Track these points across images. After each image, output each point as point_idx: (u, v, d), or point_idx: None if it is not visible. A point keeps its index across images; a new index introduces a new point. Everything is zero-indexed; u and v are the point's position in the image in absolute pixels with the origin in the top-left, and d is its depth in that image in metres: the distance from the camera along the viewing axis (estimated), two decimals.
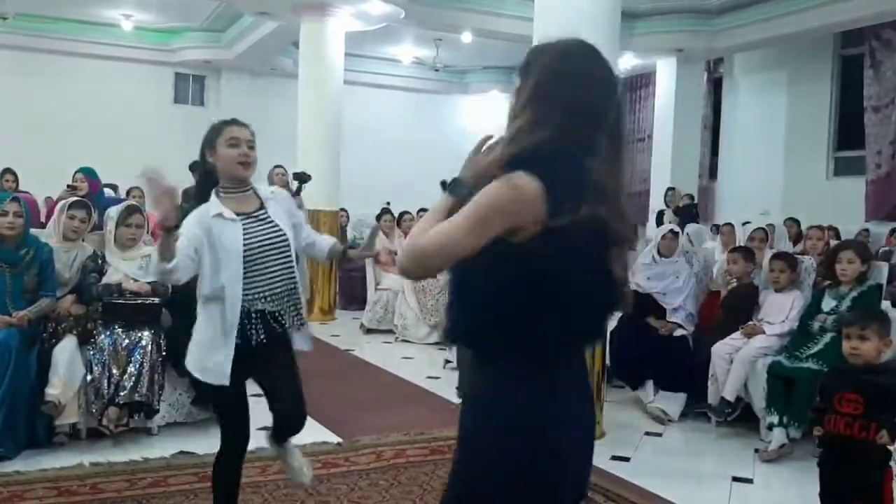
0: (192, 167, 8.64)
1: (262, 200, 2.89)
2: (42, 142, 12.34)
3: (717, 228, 9.40)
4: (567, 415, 1.63)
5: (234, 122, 2.88)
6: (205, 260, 2.73)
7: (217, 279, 2.72)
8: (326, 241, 3.13)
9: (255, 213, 2.84)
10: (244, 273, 2.73)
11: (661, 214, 11.03)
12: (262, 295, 2.77)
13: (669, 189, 11.41)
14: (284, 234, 2.85)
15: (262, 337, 2.76)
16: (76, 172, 5.97)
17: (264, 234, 2.82)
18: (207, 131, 2.89)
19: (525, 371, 1.60)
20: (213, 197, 2.84)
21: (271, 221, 2.85)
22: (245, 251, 2.74)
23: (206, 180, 2.89)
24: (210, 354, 2.75)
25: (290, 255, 2.87)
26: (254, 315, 2.75)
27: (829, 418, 2.97)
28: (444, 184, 1.65)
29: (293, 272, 2.87)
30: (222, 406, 2.92)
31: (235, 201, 2.84)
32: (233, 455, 2.91)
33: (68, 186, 6.15)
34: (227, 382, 2.73)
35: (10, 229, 4.11)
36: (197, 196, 2.93)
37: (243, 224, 2.78)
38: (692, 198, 11.28)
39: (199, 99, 14.42)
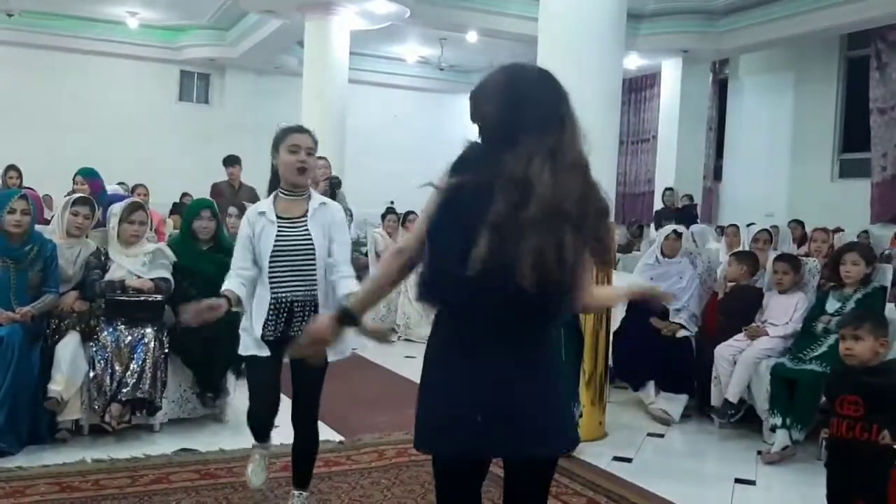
0: (226, 161, 8.71)
1: (308, 207, 3.10)
2: (46, 138, 12.38)
3: (721, 230, 9.39)
4: (439, 366, 1.96)
5: (298, 129, 3.13)
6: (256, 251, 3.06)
7: (257, 269, 3.05)
8: (342, 287, 3.07)
9: (296, 218, 3.08)
10: (271, 271, 3.01)
11: (658, 214, 11.01)
12: (288, 293, 3.03)
13: (667, 189, 11.39)
14: (312, 244, 3.05)
15: (282, 329, 3.01)
16: (76, 175, 5.95)
17: (295, 240, 3.05)
18: (275, 136, 3.14)
19: (444, 329, 1.97)
20: (269, 196, 3.15)
21: (305, 229, 3.06)
22: (273, 251, 3.01)
23: (274, 179, 3.17)
24: (246, 331, 3.07)
25: (313, 264, 3.06)
26: (282, 308, 3.02)
27: (832, 421, 2.96)
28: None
29: (314, 280, 3.05)
30: (250, 378, 3.21)
31: (287, 203, 3.10)
32: (260, 419, 3.19)
33: (69, 195, 6.12)
34: (255, 352, 3.03)
35: (17, 227, 4.11)
36: (268, 192, 3.23)
37: (279, 226, 3.04)
38: (691, 198, 11.27)
39: (203, 97, 14.45)
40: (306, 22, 9.55)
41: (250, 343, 3.07)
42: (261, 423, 3.22)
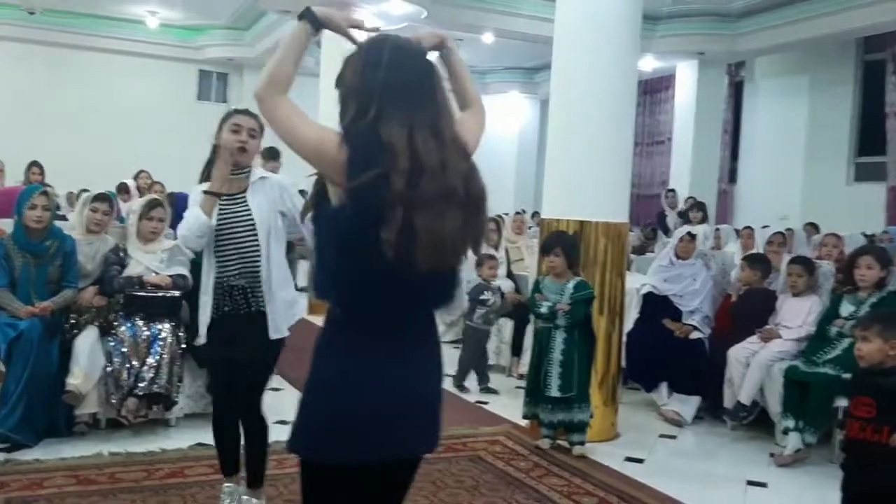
0: (268, 155, 8.77)
1: (248, 184, 3.15)
2: (67, 136, 12.50)
3: (736, 233, 9.36)
4: (362, 373, 1.74)
5: (243, 111, 3.20)
6: None
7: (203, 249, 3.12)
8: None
9: (236, 195, 3.13)
10: (216, 249, 3.09)
11: (662, 216, 10.95)
12: (231, 271, 3.07)
13: (669, 191, 11.33)
14: (252, 219, 3.10)
15: (226, 308, 3.07)
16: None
17: (234, 216, 3.10)
18: (220, 118, 3.23)
19: (338, 326, 1.79)
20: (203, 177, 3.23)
21: (245, 205, 3.11)
22: (217, 228, 3.06)
23: (213, 159, 3.22)
24: (198, 317, 3.16)
25: (255, 239, 3.09)
26: (224, 288, 3.08)
27: (847, 422, 2.96)
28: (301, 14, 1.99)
29: (257, 255, 3.08)
30: (208, 369, 3.33)
31: (228, 182, 3.12)
32: (222, 420, 3.23)
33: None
34: (202, 342, 3.13)
35: (38, 222, 4.17)
36: (204, 171, 3.28)
37: (220, 203, 3.08)
38: (695, 200, 11.21)
39: (222, 96, 14.53)
40: None
41: (201, 330, 3.15)
42: (224, 432, 3.24)
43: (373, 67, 1.79)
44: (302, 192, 3.30)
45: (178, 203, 5.11)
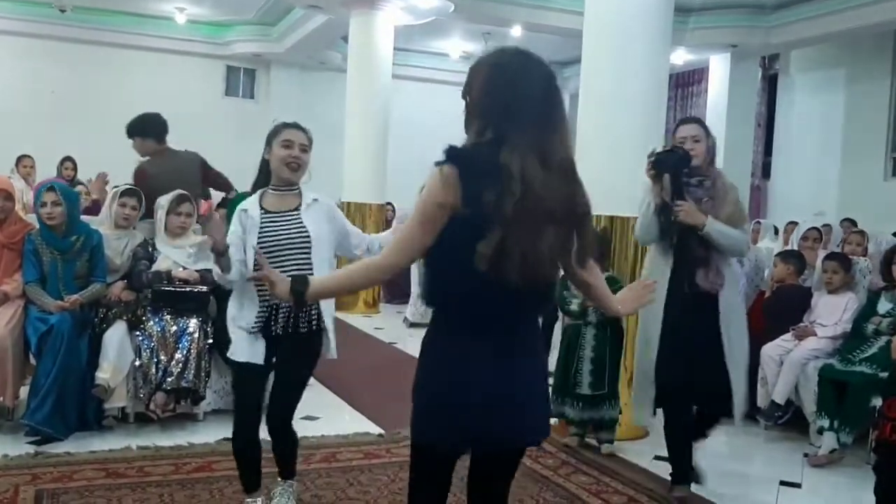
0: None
1: (300, 201, 3.04)
2: (96, 132, 12.59)
3: (775, 229, 9.22)
4: (466, 369, 1.93)
5: (293, 125, 3.06)
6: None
7: (245, 268, 2.95)
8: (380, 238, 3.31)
9: (287, 212, 3.00)
10: (256, 269, 2.79)
11: None
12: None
13: None
14: (307, 235, 2.98)
15: (278, 329, 2.96)
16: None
17: (285, 232, 2.97)
18: (270, 131, 3.07)
19: (443, 328, 2.00)
20: (256, 193, 3.08)
21: (299, 221, 2.99)
22: (260, 246, 2.86)
23: (261, 176, 3.13)
24: (236, 334, 2.99)
25: (308, 256, 2.97)
26: (273, 307, 2.94)
27: (880, 423, 2.89)
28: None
29: (310, 273, 2.86)
30: (238, 384, 3.11)
31: (277, 198, 3.04)
32: (244, 433, 3.06)
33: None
34: (242, 359, 2.95)
35: (50, 218, 4.19)
36: (253, 188, 3.16)
37: (263, 221, 2.97)
38: None
39: (249, 92, 14.58)
40: (351, 17, 9.58)
41: (244, 346, 2.97)
42: (247, 443, 3.09)
43: (497, 87, 1.92)
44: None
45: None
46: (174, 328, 4.27)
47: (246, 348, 2.97)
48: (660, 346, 3.56)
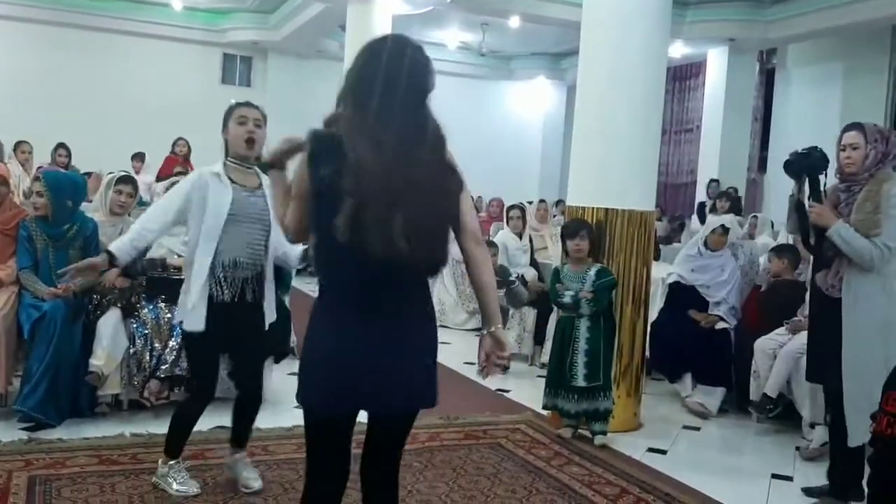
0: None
1: (261, 181, 3.20)
2: (91, 119, 12.58)
3: (772, 224, 9.24)
4: (334, 336, 2.05)
5: (245, 103, 3.26)
6: (192, 214, 3.13)
7: (196, 233, 3.10)
8: (296, 249, 3.45)
9: (253, 189, 3.19)
10: (221, 234, 3.07)
11: (702, 206, 10.85)
12: (232, 259, 3.09)
13: (713, 181, 11.21)
14: (268, 216, 3.14)
15: (224, 297, 3.10)
16: None
17: (254, 209, 3.15)
18: (226, 110, 3.26)
19: (319, 298, 2.12)
20: (219, 163, 3.23)
21: (265, 201, 3.15)
22: (229, 214, 3.07)
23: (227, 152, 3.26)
24: (186, 303, 3.12)
25: (266, 235, 3.18)
26: (222, 275, 3.08)
27: (879, 417, 2.89)
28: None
29: (261, 252, 3.17)
30: (194, 355, 3.28)
31: (240, 174, 3.20)
32: (195, 404, 3.28)
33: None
34: (199, 328, 3.08)
35: (36, 209, 4.22)
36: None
37: (235, 191, 3.12)
38: (735, 190, 11.08)
39: (245, 80, 14.53)
40: (349, 5, 9.55)
41: (193, 316, 3.11)
42: (198, 414, 3.31)
43: (352, 68, 2.13)
44: None
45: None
46: (168, 316, 4.26)
47: (194, 318, 3.11)
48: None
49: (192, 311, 3.10)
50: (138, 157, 10.35)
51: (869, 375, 3.34)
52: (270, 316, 3.31)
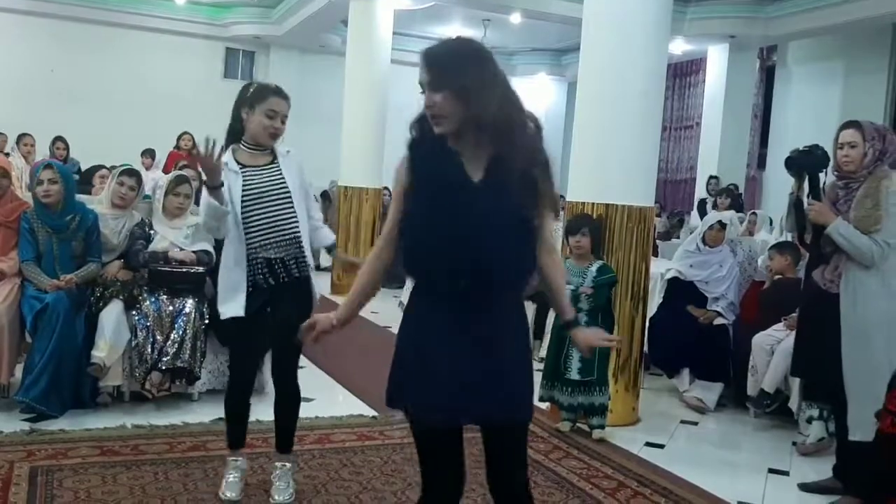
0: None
1: (275, 155, 3.12)
2: (93, 112, 12.59)
3: (770, 221, 9.25)
4: (415, 333, 2.06)
5: (278, 92, 3.08)
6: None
7: (227, 224, 3.00)
8: (325, 233, 3.38)
9: (264, 165, 3.08)
10: (244, 221, 3.00)
11: (703, 203, 10.86)
12: (264, 242, 3.01)
13: (712, 177, 11.22)
14: (286, 186, 3.07)
15: (269, 281, 3.04)
16: None
17: (266, 184, 3.06)
18: (252, 91, 3.08)
19: (412, 301, 2.11)
20: (229, 148, 3.12)
21: (279, 173, 3.08)
22: (243, 200, 2.99)
23: (231, 134, 3.15)
24: (226, 292, 3.06)
25: (291, 206, 3.07)
26: (259, 261, 3.01)
27: (883, 416, 2.91)
28: None
29: (295, 221, 3.06)
30: (234, 342, 3.24)
31: (251, 156, 3.11)
32: (238, 394, 3.22)
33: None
34: (240, 313, 3.01)
35: (47, 196, 4.20)
36: (225, 145, 3.16)
37: (244, 175, 3.04)
38: (736, 187, 11.09)
39: (248, 74, 14.53)
40: (351, 1, 9.55)
41: (232, 304, 3.04)
42: (238, 405, 3.25)
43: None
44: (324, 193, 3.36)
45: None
46: (170, 308, 4.29)
47: (232, 304, 3.05)
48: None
49: (230, 299, 3.05)
50: (148, 154, 10.26)
51: (869, 371, 3.36)
52: (318, 293, 3.25)
